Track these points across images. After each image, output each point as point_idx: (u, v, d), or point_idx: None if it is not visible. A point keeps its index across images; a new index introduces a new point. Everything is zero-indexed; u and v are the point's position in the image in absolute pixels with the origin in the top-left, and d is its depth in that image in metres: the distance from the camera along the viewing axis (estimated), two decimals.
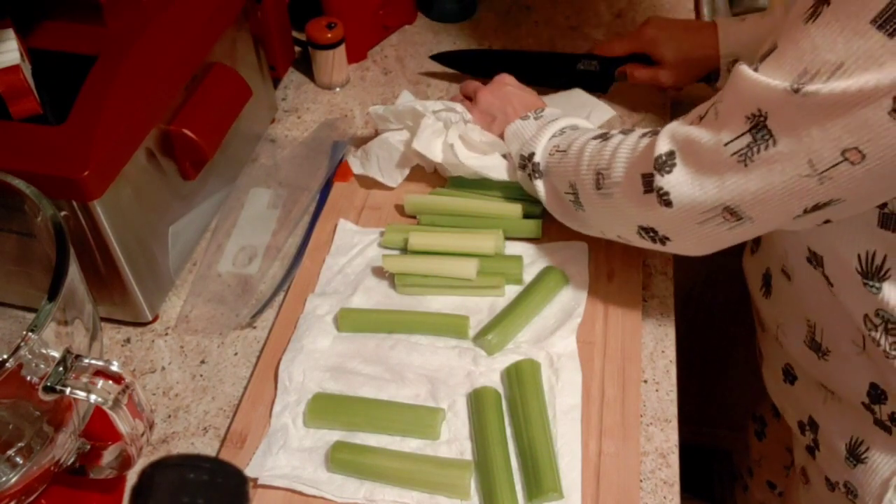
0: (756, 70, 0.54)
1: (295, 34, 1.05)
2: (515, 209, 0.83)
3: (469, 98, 0.89)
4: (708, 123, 0.58)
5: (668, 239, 0.65)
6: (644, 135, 0.66)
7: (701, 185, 0.59)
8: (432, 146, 0.85)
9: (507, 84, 0.86)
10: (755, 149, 0.54)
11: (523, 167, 0.79)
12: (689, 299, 1.26)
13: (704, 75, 0.91)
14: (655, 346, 0.75)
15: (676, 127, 0.62)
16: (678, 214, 0.62)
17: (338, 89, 1.06)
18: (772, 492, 1.15)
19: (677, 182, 0.60)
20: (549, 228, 0.82)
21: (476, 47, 1.11)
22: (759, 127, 0.54)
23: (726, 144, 0.56)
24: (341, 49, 1.02)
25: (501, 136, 0.83)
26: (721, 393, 1.42)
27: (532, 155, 0.77)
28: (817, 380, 0.73)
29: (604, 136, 0.70)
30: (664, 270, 0.81)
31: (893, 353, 0.61)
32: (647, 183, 0.62)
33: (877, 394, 0.66)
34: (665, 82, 0.92)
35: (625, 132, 0.69)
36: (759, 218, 0.59)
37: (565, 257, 0.81)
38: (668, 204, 0.61)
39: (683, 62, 0.90)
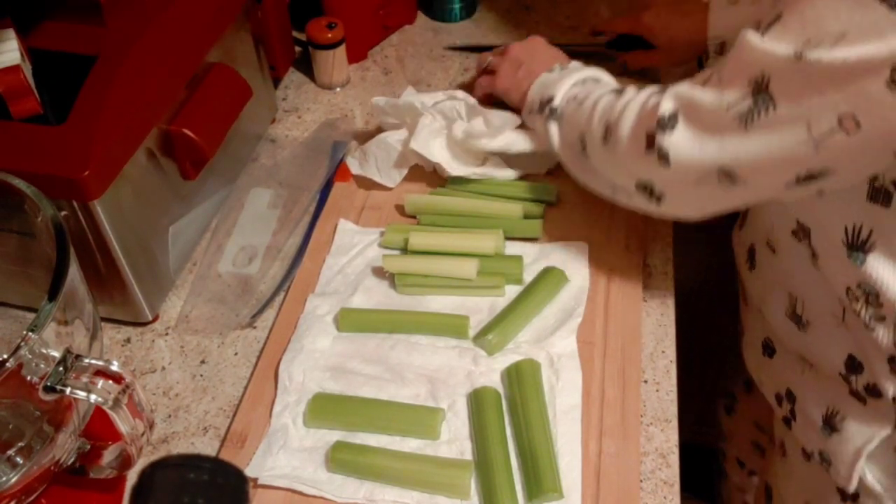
0: (762, 37, 0.56)
1: (295, 34, 1.05)
2: (515, 209, 0.83)
3: (486, 70, 0.91)
4: (712, 85, 0.60)
5: (663, 197, 0.67)
6: (654, 93, 0.68)
7: (701, 146, 0.61)
8: (430, 146, 0.85)
9: (538, 41, 0.89)
10: (756, 112, 0.56)
11: (540, 111, 0.80)
12: (689, 299, 1.26)
13: (697, 57, 0.95)
14: (655, 346, 0.75)
15: (681, 88, 0.64)
16: (675, 173, 0.63)
17: (338, 89, 1.06)
18: (741, 470, 1.16)
19: (678, 141, 0.62)
20: (549, 228, 0.82)
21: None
22: (760, 91, 0.55)
23: (728, 107, 0.58)
24: (341, 49, 1.02)
25: (521, 94, 0.84)
26: (721, 393, 1.42)
27: (552, 98, 0.78)
28: (796, 351, 0.75)
29: (619, 92, 0.72)
30: (664, 270, 0.81)
31: (873, 324, 0.63)
32: (650, 141, 0.64)
33: (854, 365, 0.68)
34: (659, 64, 0.99)
35: (639, 89, 0.71)
36: (753, 182, 0.60)
37: (565, 257, 0.81)
38: (667, 162, 0.63)
39: (677, 47, 0.94)
